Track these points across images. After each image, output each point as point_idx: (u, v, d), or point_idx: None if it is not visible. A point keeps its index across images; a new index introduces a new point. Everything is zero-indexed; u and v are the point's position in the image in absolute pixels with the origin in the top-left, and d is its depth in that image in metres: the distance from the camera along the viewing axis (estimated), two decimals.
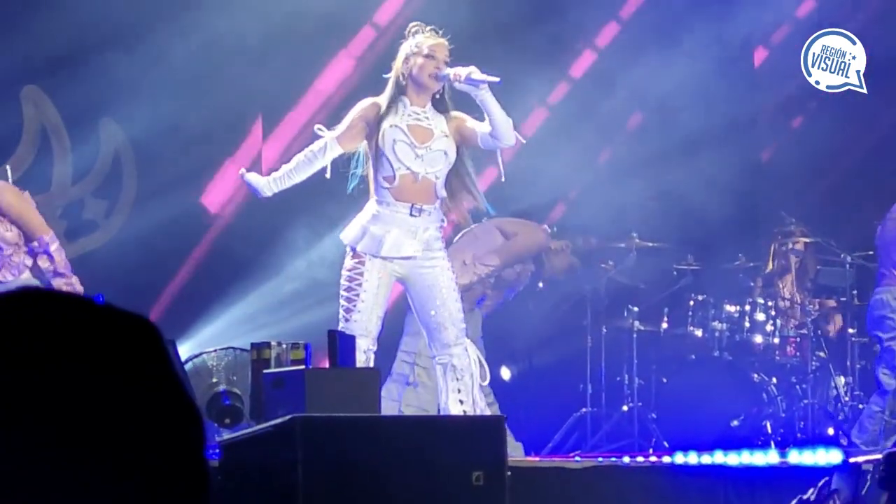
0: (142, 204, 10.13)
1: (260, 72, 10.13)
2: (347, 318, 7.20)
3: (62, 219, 9.68)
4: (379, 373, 6.65)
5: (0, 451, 1.24)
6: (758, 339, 10.43)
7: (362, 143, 7.38)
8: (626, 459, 8.35)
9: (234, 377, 8.39)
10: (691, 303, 10.52)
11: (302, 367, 6.75)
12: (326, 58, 10.56)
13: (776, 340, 10.43)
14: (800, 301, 10.58)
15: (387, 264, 7.23)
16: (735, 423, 9.94)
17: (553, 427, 10.21)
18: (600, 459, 8.43)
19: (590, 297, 10.53)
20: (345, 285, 7.27)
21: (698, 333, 10.48)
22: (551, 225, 9.99)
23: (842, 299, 10.56)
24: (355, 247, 7.27)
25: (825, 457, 7.57)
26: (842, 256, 10.41)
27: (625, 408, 10.25)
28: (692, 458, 7.95)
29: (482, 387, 7.44)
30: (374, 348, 7.20)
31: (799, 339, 10.44)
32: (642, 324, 10.50)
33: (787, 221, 10.50)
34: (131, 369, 1.29)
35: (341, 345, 6.75)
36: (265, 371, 6.84)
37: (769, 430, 9.96)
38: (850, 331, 10.39)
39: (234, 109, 10.10)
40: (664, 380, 10.39)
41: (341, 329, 7.12)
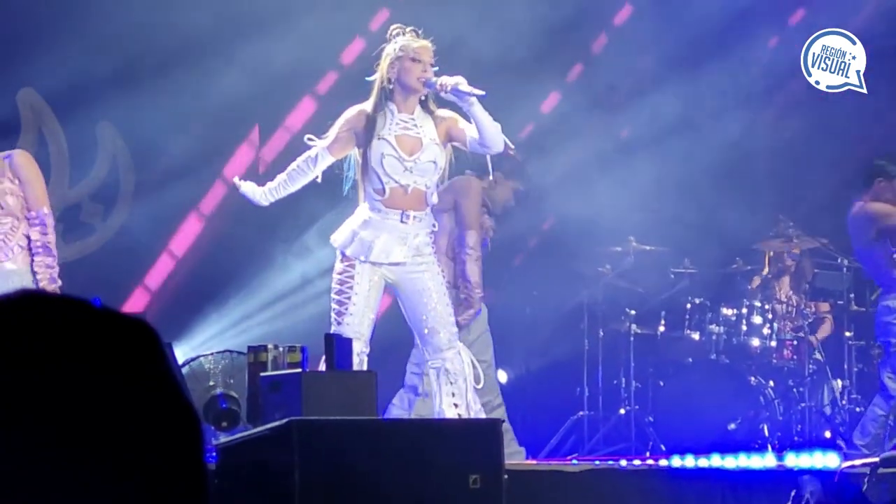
0: (139, 207, 10.13)
1: (256, 80, 10.12)
2: (339, 322, 7.14)
3: (59, 222, 9.60)
4: (375, 376, 6.63)
5: (0, 451, 1.24)
6: (755, 342, 10.43)
7: (353, 150, 7.29)
8: (623, 463, 8.36)
9: (231, 380, 8.39)
10: (688, 306, 10.52)
11: (299, 370, 6.74)
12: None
13: (773, 344, 10.42)
14: (797, 304, 10.58)
15: (377, 268, 7.18)
16: (732, 426, 9.94)
17: (550, 430, 10.21)
18: (597, 463, 8.44)
19: (587, 300, 10.53)
20: (336, 288, 7.20)
21: (695, 337, 10.48)
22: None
23: (839, 303, 10.56)
24: (345, 250, 7.22)
25: (822, 460, 7.58)
26: (839, 260, 10.41)
27: (622, 411, 10.26)
28: (689, 462, 7.96)
29: (476, 389, 7.40)
30: (366, 351, 7.14)
31: (796, 342, 10.44)
32: (639, 327, 10.51)
33: (784, 225, 10.50)
34: (131, 370, 1.29)
35: (338, 348, 6.74)
36: (262, 374, 6.84)
37: (766, 433, 9.96)
38: (846, 334, 10.39)
39: (231, 115, 10.09)
40: (661, 383, 10.39)
41: (333, 332, 7.09)
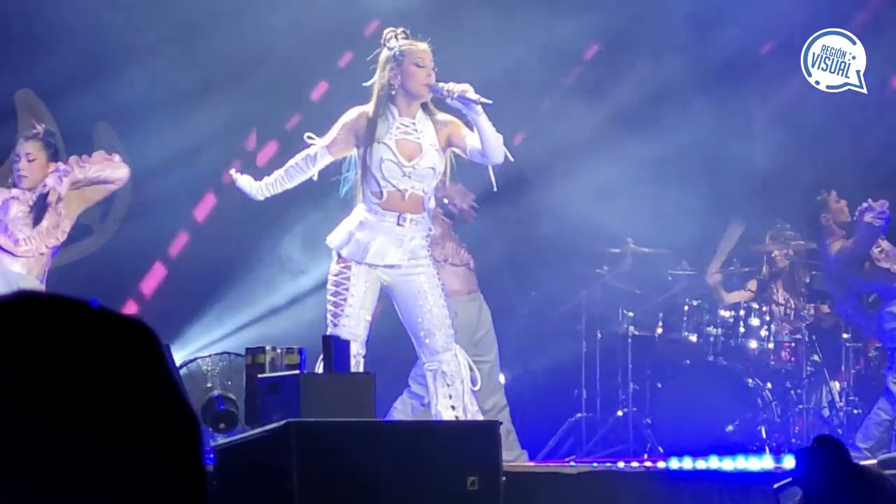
0: (137, 209, 10.12)
1: (254, 82, 10.12)
2: (335, 323, 7.13)
3: None
4: (374, 377, 6.62)
5: (0, 450, 1.24)
6: (752, 344, 10.43)
7: (352, 151, 7.27)
8: (621, 465, 8.35)
9: (229, 382, 8.38)
10: (686, 308, 10.52)
11: (297, 371, 6.74)
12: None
13: (771, 346, 10.42)
14: (794, 306, 10.58)
15: (372, 270, 7.17)
16: (730, 428, 9.94)
17: (548, 432, 10.21)
18: (595, 465, 8.43)
19: (585, 302, 10.53)
20: (331, 290, 7.18)
21: (693, 339, 10.48)
22: None
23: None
24: (340, 252, 7.20)
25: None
26: None
27: (620, 413, 10.26)
28: (687, 464, 7.95)
29: (474, 391, 7.40)
30: (362, 352, 7.14)
31: (794, 344, 10.44)
32: (637, 329, 10.51)
33: (781, 227, 10.50)
34: (130, 371, 1.29)
35: (335, 349, 6.74)
36: (260, 376, 6.83)
37: (764, 435, 9.96)
38: (844, 336, 10.40)
39: (229, 116, 10.09)
40: (659, 385, 10.39)
41: (329, 334, 7.08)
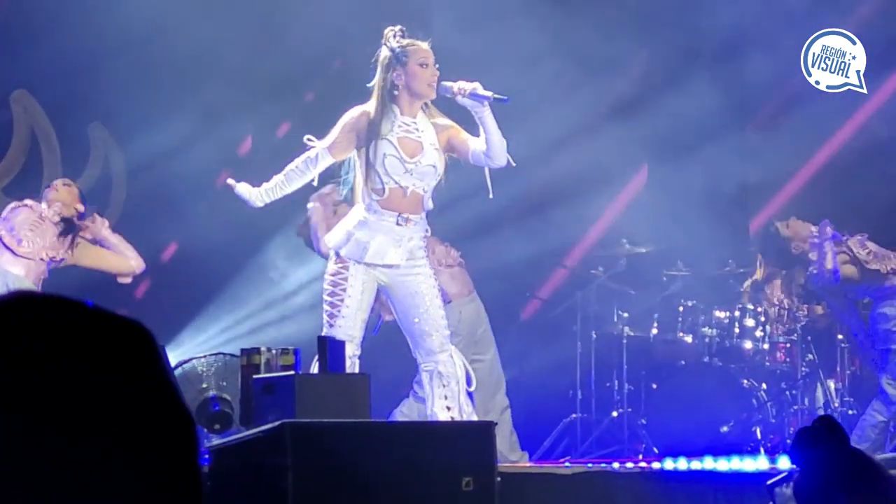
0: (132, 208, 10.12)
1: (248, 80, 10.12)
2: (332, 324, 7.10)
3: None
4: (369, 378, 6.62)
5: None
6: (747, 344, 10.43)
7: (353, 152, 7.25)
8: (616, 465, 8.36)
9: (224, 383, 8.38)
10: (681, 309, 10.52)
11: (292, 372, 6.73)
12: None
13: (766, 346, 10.42)
14: (789, 307, 10.58)
15: (370, 270, 7.13)
16: (725, 428, 9.94)
17: (543, 433, 10.21)
18: (590, 465, 8.43)
19: (580, 302, 10.53)
20: (328, 290, 7.15)
21: (688, 339, 10.48)
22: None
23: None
24: (339, 251, 7.17)
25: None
26: None
27: (615, 414, 10.26)
28: (682, 464, 7.95)
29: (471, 391, 7.40)
30: (358, 353, 7.13)
31: (788, 344, 10.44)
32: (632, 330, 10.51)
33: (776, 226, 10.49)
34: (127, 371, 1.29)
35: (331, 350, 6.73)
36: (255, 376, 6.81)
37: (759, 435, 9.96)
38: (839, 336, 10.40)
39: (227, 117, 10.09)
40: (654, 386, 10.39)
41: (325, 334, 7.06)
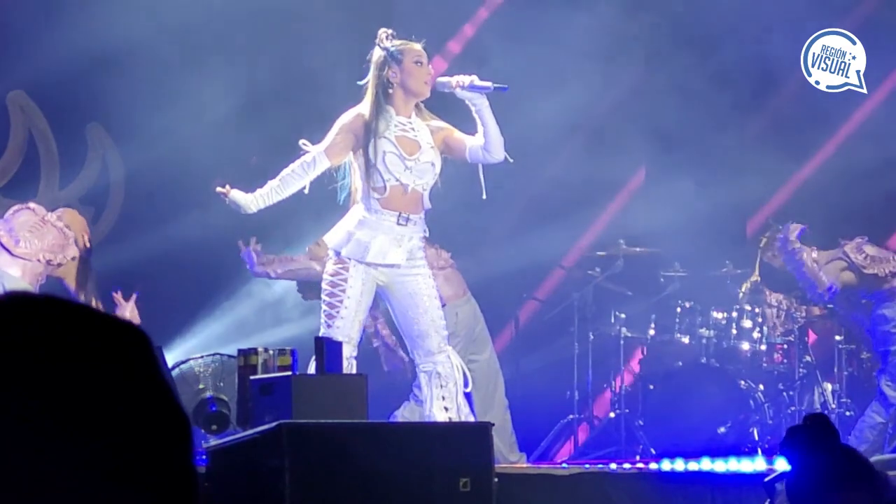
0: (129, 209, 10.11)
1: (248, 82, 10.13)
2: (329, 325, 7.09)
3: None
4: (366, 379, 6.62)
5: None
6: (745, 346, 10.43)
7: (350, 154, 7.25)
8: (613, 466, 8.37)
9: (221, 383, 8.38)
10: (678, 310, 10.52)
11: (289, 373, 6.73)
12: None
13: (763, 347, 10.42)
14: (786, 308, 10.58)
15: (370, 270, 7.12)
16: (722, 429, 9.94)
17: (540, 433, 10.21)
18: (587, 466, 8.44)
19: (577, 303, 10.53)
20: (327, 290, 7.14)
21: (685, 340, 10.48)
22: None
23: (829, 306, 10.56)
24: (339, 251, 7.16)
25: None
26: None
27: (612, 414, 10.26)
28: (679, 465, 7.96)
29: (467, 393, 7.40)
30: (355, 354, 7.13)
31: (786, 346, 10.44)
32: (629, 330, 10.51)
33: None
34: (123, 372, 1.29)
35: (328, 351, 6.73)
36: (252, 377, 6.82)
37: (756, 436, 9.96)
38: (836, 338, 10.39)
39: (225, 118, 10.09)
40: (651, 386, 10.39)
41: (322, 335, 7.06)
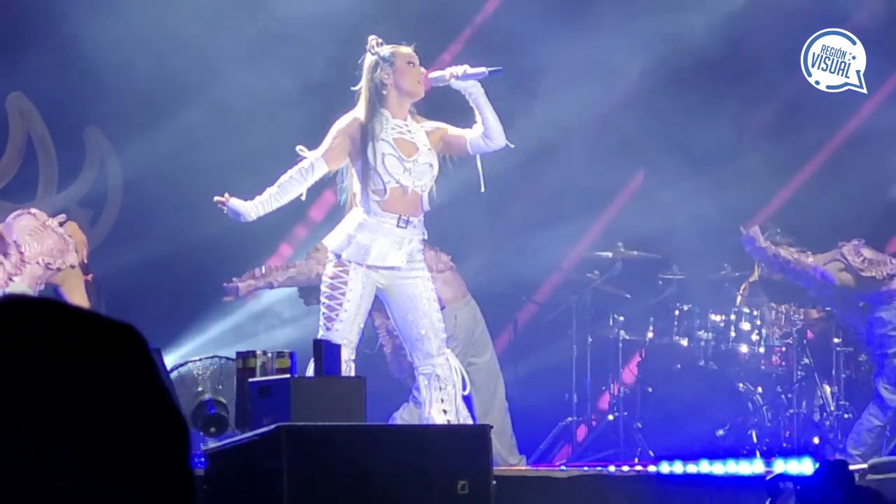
0: (128, 212, 10.11)
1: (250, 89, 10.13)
2: (328, 327, 7.09)
3: None
4: (364, 381, 6.62)
5: None
6: (743, 348, 10.44)
7: (347, 159, 7.25)
8: (612, 468, 8.37)
9: (220, 386, 8.38)
10: (677, 312, 10.52)
11: (287, 375, 6.73)
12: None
13: (762, 350, 10.43)
14: (785, 311, 10.58)
15: (370, 273, 7.12)
16: (720, 432, 9.94)
17: (539, 436, 10.21)
18: (586, 469, 8.43)
19: (575, 306, 10.53)
20: (327, 293, 7.13)
21: (684, 343, 10.48)
22: None
23: (827, 309, 10.56)
24: (340, 254, 7.16)
25: (805, 466, 7.58)
26: None
27: (610, 417, 10.26)
28: (677, 468, 7.96)
29: (466, 396, 7.40)
30: (353, 357, 7.13)
31: (784, 348, 10.44)
32: (628, 333, 10.51)
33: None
34: (120, 374, 1.29)
35: (326, 354, 6.73)
36: (251, 380, 6.82)
37: (755, 439, 9.96)
38: (835, 340, 10.39)
39: (222, 121, 10.09)
40: (650, 389, 10.39)
41: (321, 337, 7.06)
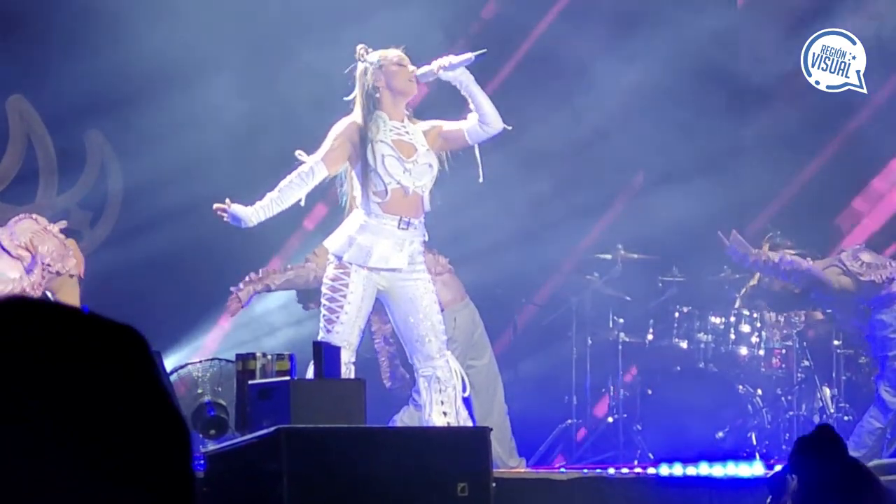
0: (127, 214, 10.11)
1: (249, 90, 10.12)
2: (329, 329, 7.08)
3: None
4: (364, 384, 6.62)
5: None
6: (743, 350, 10.43)
7: (346, 163, 7.25)
8: (612, 471, 8.36)
9: (220, 388, 8.38)
10: (676, 314, 10.51)
11: (287, 378, 6.73)
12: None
13: (761, 352, 10.42)
14: (785, 313, 10.57)
15: (371, 275, 7.12)
16: (720, 434, 9.94)
17: (538, 438, 10.21)
18: (585, 471, 8.43)
19: (575, 308, 10.52)
20: (327, 295, 7.12)
21: (683, 345, 10.48)
22: None
23: (827, 311, 10.56)
24: (341, 256, 7.15)
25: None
26: None
27: (610, 419, 10.25)
28: (677, 470, 7.95)
29: (466, 398, 7.40)
30: (353, 360, 7.12)
31: (784, 350, 10.44)
32: (628, 335, 10.51)
33: (773, 233, 10.49)
34: (121, 376, 1.29)
35: (326, 356, 6.73)
36: (250, 382, 6.82)
37: (754, 441, 9.96)
38: (835, 343, 10.39)
39: (222, 124, 10.09)
40: (649, 391, 10.38)
41: (321, 339, 7.05)
